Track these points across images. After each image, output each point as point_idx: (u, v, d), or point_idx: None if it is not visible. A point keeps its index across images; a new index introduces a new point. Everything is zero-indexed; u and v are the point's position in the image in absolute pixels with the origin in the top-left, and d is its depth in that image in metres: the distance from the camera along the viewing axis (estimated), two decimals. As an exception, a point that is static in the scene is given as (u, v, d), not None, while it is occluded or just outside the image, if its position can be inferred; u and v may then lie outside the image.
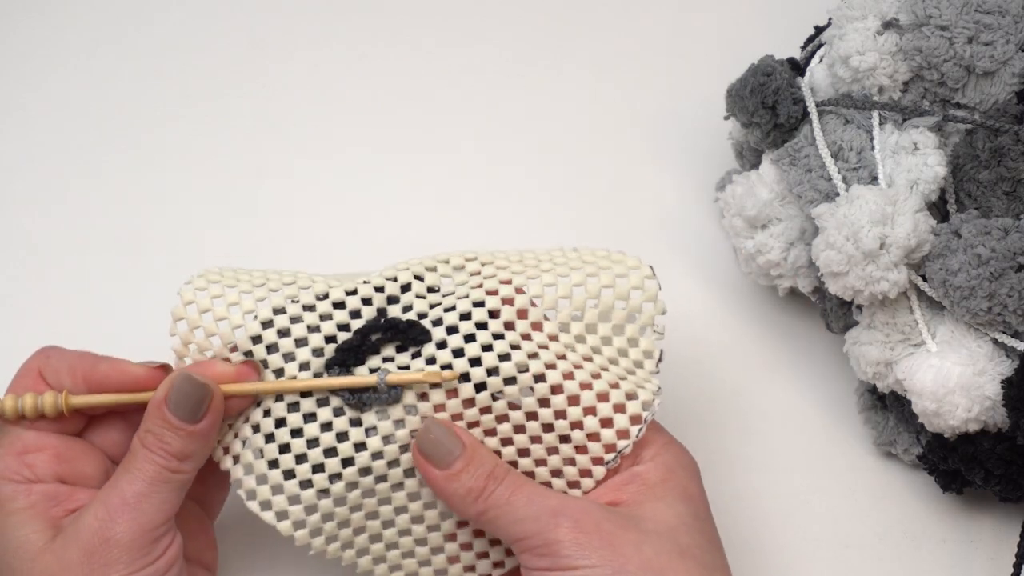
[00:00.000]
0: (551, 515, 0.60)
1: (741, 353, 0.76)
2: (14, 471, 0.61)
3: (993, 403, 0.65)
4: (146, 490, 0.60)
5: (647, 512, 0.61)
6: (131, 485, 0.60)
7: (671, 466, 0.62)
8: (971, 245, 0.65)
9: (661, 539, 0.60)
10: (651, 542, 0.59)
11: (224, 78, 0.86)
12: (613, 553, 0.59)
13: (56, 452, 0.62)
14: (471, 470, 0.61)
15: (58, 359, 0.63)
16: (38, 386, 0.62)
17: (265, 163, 0.82)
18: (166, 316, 0.75)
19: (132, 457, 0.60)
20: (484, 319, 0.62)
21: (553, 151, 0.83)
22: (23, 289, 0.78)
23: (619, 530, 0.59)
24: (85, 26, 0.88)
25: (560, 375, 0.62)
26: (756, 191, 0.72)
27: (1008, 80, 0.69)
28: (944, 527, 0.71)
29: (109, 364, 0.62)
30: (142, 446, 0.60)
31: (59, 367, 0.62)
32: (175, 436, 0.60)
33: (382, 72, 0.86)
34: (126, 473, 0.60)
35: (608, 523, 0.60)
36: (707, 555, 0.60)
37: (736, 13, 0.89)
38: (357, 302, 0.64)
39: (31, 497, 0.60)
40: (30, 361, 0.63)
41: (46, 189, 0.81)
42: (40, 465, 0.61)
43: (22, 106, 0.85)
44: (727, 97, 0.74)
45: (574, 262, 0.65)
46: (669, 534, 0.60)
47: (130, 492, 0.60)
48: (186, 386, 0.61)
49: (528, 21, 0.89)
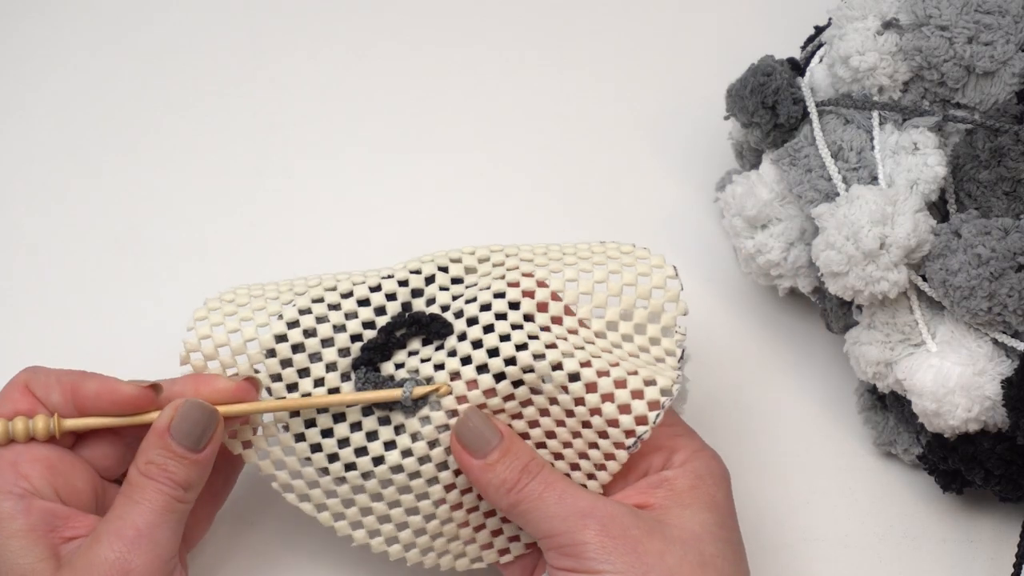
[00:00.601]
0: (580, 516, 0.60)
1: (741, 353, 0.76)
2: (11, 483, 0.59)
3: (993, 403, 0.65)
4: (158, 521, 0.59)
5: (673, 519, 0.61)
6: (143, 516, 0.59)
7: (700, 473, 0.62)
8: (971, 245, 0.65)
9: (685, 548, 0.60)
10: (674, 551, 0.60)
11: (224, 78, 0.86)
12: (637, 560, 0.59)
13: (49, 463, 0.60)
14: (507, 461, 0.61)
15: (46, 375, 0.62)
16: (26, 400, 0.61)
17: (265, 163, 0.82)
18: (166, 316, 0.75)
19: (137, 488, 0.59)
20: (504, 310, 0.62)
21: (553, 151, 0.83)
22: (23, 289, 0.78)
23: (645, 537, 0.60)
24: (85, 26, 0.87)
25: (577, 363, 0.62)
26: (756, 191, 0.72)
27: (1008, 80, 0.69)
28: (944, 527, 0.71)
29: (98, 382, 0.61)
30: (146, 476, 0.59)
31: (48, 382, 0.61)
32: (179, 465, 0.60)
33: (382, 72, 0.86)
34: (134, 504, 0.59)
35: (635, 529, 0.60)
36: (729, 566, 0.60)
37: (736, 13, 0.89)
38: (382, 298, 0.64)
39: (31, 518, 0.59)
40: (16, 378, 0.62)
41: (45, 189, 0.81)
42: (36, 477, 0.60)
43: (22, 106, 0.84)
44: (727, 97, 0.74)
45: (599, 257, 0.65)
46: (693, 543, 0.60)
47: (143, 523, 0.59)
48: (194, 413, 0.60)
49: (528, 21, 0.89)
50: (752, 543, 0.64)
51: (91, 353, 0.75)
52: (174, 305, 0.76)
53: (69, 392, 0.61)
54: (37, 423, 0.60)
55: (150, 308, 0.77)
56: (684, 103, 0.84)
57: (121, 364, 0.74)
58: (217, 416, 0.60)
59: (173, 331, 0.75)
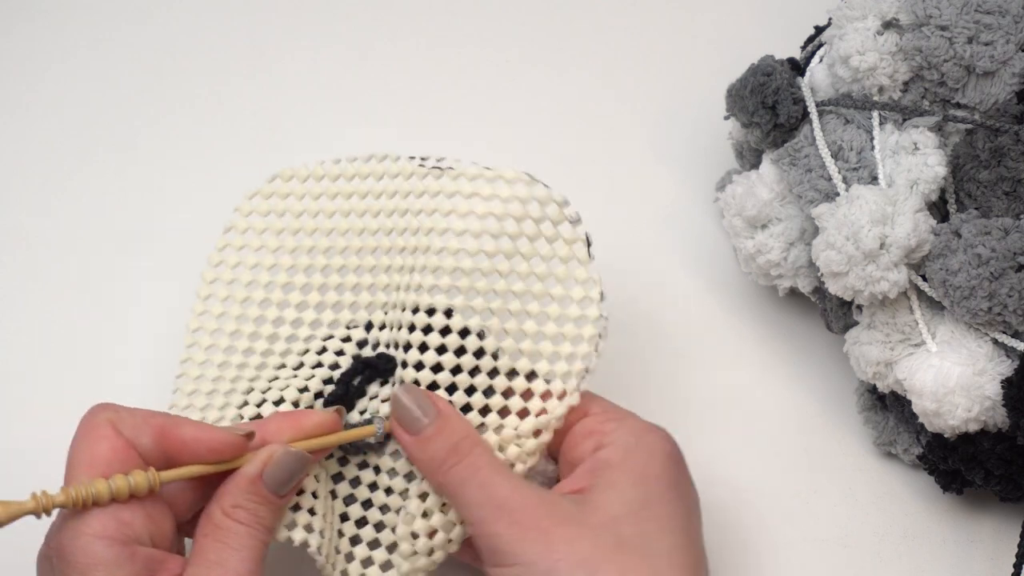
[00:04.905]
0: (495, 507, 0.60)
1: (741, 353, 0.76)
2: (114, 530, 0.57)
3: (993, 403, 0.65)
4: (256, 568, 0.58)
5: (596, 500, 0.60)
6: (244, 563, 0.58)
7: (628, 447, 0.61)
8: (971, 245, 0.65)
9: (600, 532, 0.59)
10: (588, 536, 0.59)
11: (224, 77, 0.86)
12: (547, 550, 0.58)
13: (143, 507, 0.58)
14: (440, 438, 0.61)
15: (131, 415, 0.59)
16: (119, 442, 0.58)
17: (265, 162, 0.82)
18: (165, 316, 0.75)
19: (231, 533, 0.58)
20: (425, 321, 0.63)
21: (553, 151, 0.83)
22: (22, 289, 0.78)
23: (558, 526, 0.59)
24: (85, 26, 0.87)
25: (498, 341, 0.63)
26: (756, 191, 0.72)
27: (1008, 80, 0.69)
28: (944, 527, 0.71)
29: (194, 428, 0.59)
30: (236, 521, 0.58)
31: (135, 423, 0.59)
32: (268, 510, 0.59)
33: (382, 73, 0.86)
34: (233, 551, 0.58)
35: (549, 519, 0.59)
36: (651, 544, 0.59)
37: (736, 13, 0.89)
38: (332, 358, 0.66)
39: (136, 566, 0.57)
40: (97, 417, 0.59)
41: (44, 188, 0.81)
42: (136, 523, 0.58)
43: (22, 106, 0.84)
44: (727, 97, 0.74)
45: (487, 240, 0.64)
46: (611, 525, 0.59)
47: (245, 570, 0.58)
48: (289, 462, 0.59)
49: (528, 21, 0.89)
50: (752, 543, 0.64)
51: (91, 353, 0.75)
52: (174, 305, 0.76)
53: (159, 435, 0.59)
54: (137, 479, 0.58)
55: (150, 308, 0.77)
56: (684, 103, 0.84)
57: (121, 364, 0.75)
58: (308, 462, 0.60)
59: (172, 331, 0.75)
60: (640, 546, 0.59)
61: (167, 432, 0.59)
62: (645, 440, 0.62)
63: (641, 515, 0.60)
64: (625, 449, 0.61)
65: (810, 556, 0.70)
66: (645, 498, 0.60)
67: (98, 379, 0.74)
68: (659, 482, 0.61)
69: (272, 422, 0.61)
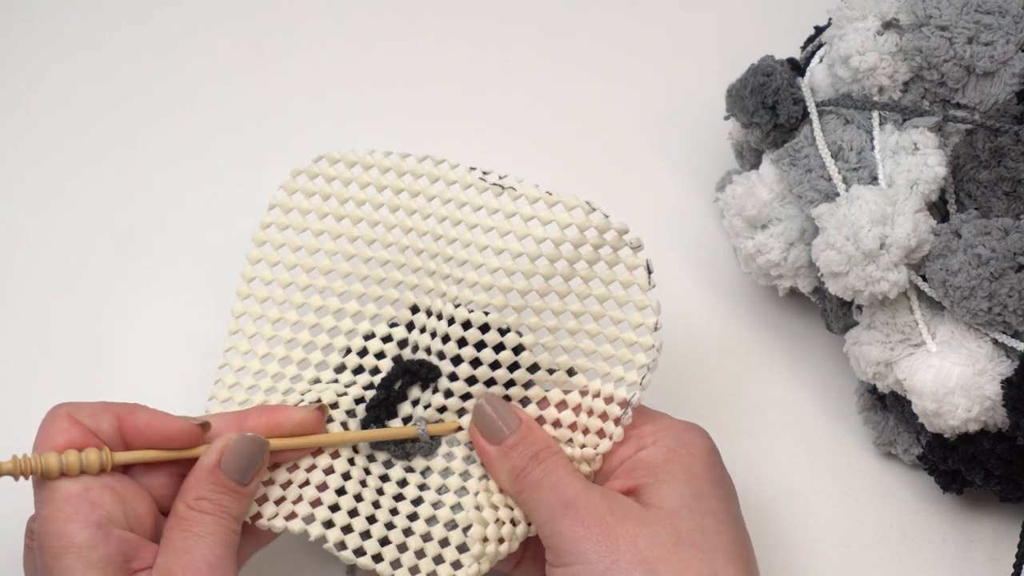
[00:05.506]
0: (563, 506, 0.61)
1: (741, 353, 0.76)
2: (87, 512, 0.57)
3: (993, 403, 0.65)
4: (224, 553, 0.59)
5: (652, 497, 0.61)
6: (212, 549, 0.58)
7: (671, 446, 0.62)
8: (971, 245, 0.65)
9: (659, 528, 0.60)
10: (647, 534, 0.60)
11: (224, 77, 0.86)
12: (608, 548, 0.59)
13: (115, 490, 0.59)
14: (522, 447, 0.63)
15: (90, 406, 0.60)
16: (76, 430, 0.59)
17: (265, 161, 0.82)
18: (164, 316, 0.75)
19: (196, 522, 0.59)
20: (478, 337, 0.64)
21: (553, 151, 0.83)
22: (22, 289, 0.78)
23: (618, 523, 0.60)
24: (85, 26, 0.87)
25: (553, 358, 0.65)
26: (756, 191, 0.72)
27: (1008, 80, 0.69)
28: (944, 527, 0.71)
29: (149, 415, 0.60)
30: (200, 511, 0.59)
31: (95, 411, 0.60)
32: (232, 499, 0.59)
33: (382, 72, 0.86)
34: (199, 538, 0.58)
35: (612, 516, 0.60)
36: (708, 538, 0.60)
37: (736, 13, 0.89)
38: (373, 361, 0.66)
39: (109, 548, 0.57)
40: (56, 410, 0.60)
41: (44, 188, 0.81)
42: (108, 504, 0.58)
43: (22, 106, 0.84)
44: (727, 97, 0.74)
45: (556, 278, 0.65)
46: (668, 520, 0.60)
47: (214, 556, 0.58)
48: (245, 447, 0.60)
49: (528, 21, 0.89)
50: (753, 543, 0.64)
51: (91, 353, 0.75)
52: (174, 305, 0.76)
53: (117, 422, 0.60)
54: (89, 456, 0.58)
55: (150, 308, 0.77)
56: (684, 103, 0.84)
57: (121, 364, 0.75)
58: (267, 447, 0.61)
59: (172, 331, 0.75)
60: (698, 540, 0.60)
61: (123, 419, 0.60)
62: (685, 439, 0.63)
63: (696, 509, 0.61)
64: (668, 448, 0.62)
65: (810, 556, 0.70)
66: (697, 493, 0.61)
67: (98, 379, 0.74)
68: (705, 479, 0.62)
69: (252, 415, 0.62)
